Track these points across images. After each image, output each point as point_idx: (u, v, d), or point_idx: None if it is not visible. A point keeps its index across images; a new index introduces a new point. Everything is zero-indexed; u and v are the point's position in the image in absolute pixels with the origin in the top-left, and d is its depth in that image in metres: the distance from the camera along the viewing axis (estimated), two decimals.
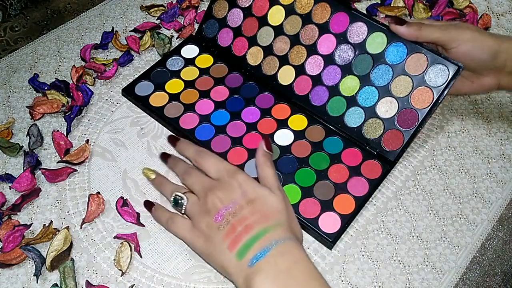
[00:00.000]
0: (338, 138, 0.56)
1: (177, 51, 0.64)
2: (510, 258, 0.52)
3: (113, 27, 0.67)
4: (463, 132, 0.59)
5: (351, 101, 0.56)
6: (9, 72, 0.64)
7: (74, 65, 0.62)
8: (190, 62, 0.63)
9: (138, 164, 0.56)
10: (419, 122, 0.53)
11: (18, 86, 0.62)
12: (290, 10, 0.60)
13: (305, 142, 0.56)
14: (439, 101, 0.52)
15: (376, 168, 0.54)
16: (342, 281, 0.48)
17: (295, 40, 0.60)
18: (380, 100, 0.55)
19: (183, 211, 0.47)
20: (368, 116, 0.55)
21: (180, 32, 0.67)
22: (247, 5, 0.63)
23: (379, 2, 0.72)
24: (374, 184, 0.53)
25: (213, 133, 0.57)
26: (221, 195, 0.45)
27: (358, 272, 0.49)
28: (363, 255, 0.50)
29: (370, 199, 0.53)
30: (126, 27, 0.69)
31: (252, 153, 0.55)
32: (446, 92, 0.52)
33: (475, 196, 0.54)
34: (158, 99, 0.60)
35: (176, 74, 0.62)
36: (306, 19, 0.59)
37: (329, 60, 0.58)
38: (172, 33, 0.67)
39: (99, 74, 0.63)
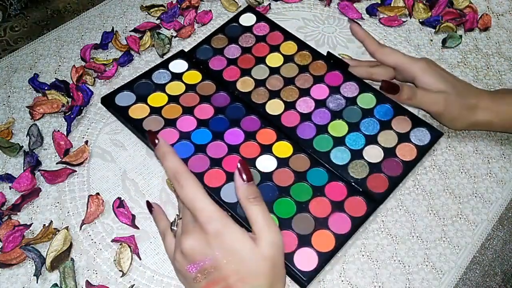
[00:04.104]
0: (323, 170, 0.53)
1: (165, 64, 0.62)
2: (510, 258, 0.52)
3: (113, 27, 0.67)
4: (463, 132, 0.59)
5: (338, 141, 0.55)
6: (9, 72, 0.64)
7: (74, 65, 0.62)
8: (177, 77, 0.61)
9: (138, 165, 0.56)
10: (403, 171, 0.53)
11: (18, 86, 0.62)
12: (289, 59, 0.62)
13: (288, 171, 0.53)
14: (421, 158, 0.55)
15: (361, 205, 0.51)
16: (342, 281, 0.48)
17: (289, 82, 0.61)
18: (368, 146, 0.55)
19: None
20: (354, 158, 0.54)
21: (178, 32, 0.67)
22: (248, 46, 0.64)
23: (379, 2, 0.72)
24: (358, 222, 0.50)
25: (192, 151, 0.54)
26: (195, 244, 0.39)
27: (358, 272, 0.49)
28: (363, 255, 0.50)
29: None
30: (126, 27, 0.69)
31: (231, 177, 0.51)
32: (428, 152, 0.56)
33: (475, 196, 0.54)
34: (138, 111, 0.57)
35: (161, 87, 0.59)
36: (303, 69, 0.62)
37: (320, 104, 0.59)
38: (172, 33, 0.67)
39: (99, 74, 0.63)
